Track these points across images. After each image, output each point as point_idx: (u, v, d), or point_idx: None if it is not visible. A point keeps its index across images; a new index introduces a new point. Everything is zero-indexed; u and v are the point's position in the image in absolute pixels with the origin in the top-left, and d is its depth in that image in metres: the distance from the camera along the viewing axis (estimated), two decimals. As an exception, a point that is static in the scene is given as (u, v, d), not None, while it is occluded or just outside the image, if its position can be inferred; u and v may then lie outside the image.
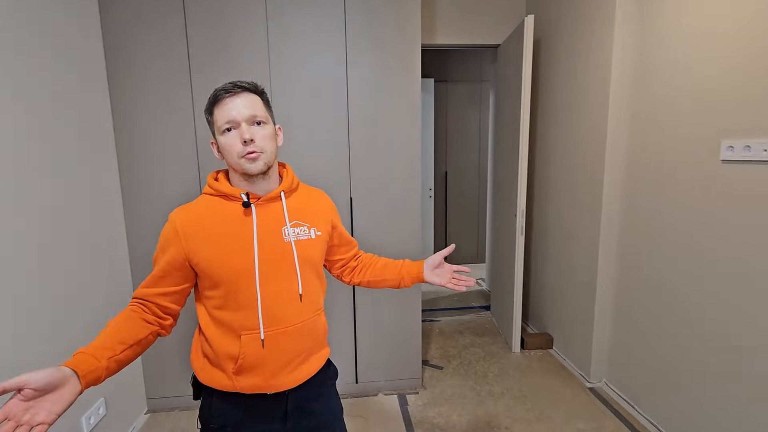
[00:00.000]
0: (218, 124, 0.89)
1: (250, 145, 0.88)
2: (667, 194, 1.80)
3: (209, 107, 0.91)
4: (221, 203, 0.93)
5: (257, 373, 0.93)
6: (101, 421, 1.76)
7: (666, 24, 1.78)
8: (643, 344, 1.96)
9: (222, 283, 0.90)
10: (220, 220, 0.91)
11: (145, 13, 1.86)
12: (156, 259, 0.92)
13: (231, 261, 0.89)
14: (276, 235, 0.94)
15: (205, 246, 0.89)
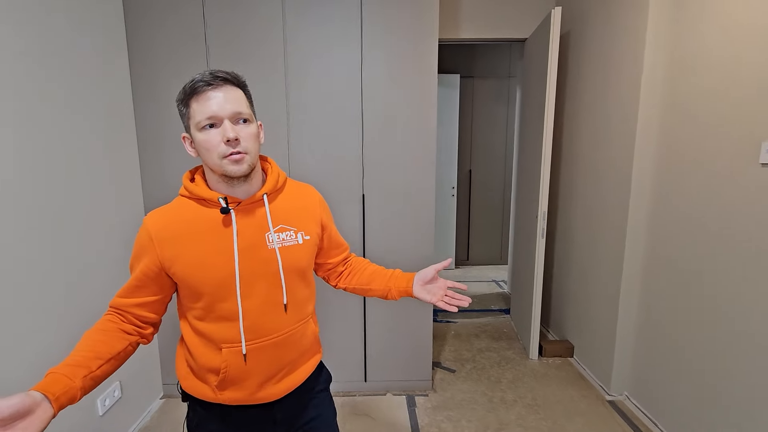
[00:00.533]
0: (197, 118, 0.79)
1: (234, 145, 0.79)
2: (700, 198, 1.66)
3: (185, 98, 0.81)
4: (198, 208, 0.85)
5: (241, 387, 0.88)
6: (116, 403, 1.82)
7: (704, 14, 1.64)
8: (672, 358, 1.83)
9: (202, 294, 0.84)
10: (197, 226, 0.83)
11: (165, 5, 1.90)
12: (132, 267, 0.86)
13: (210, 272, 0.83)
14: (259, 242, 0.86)
15: (182, 255, 0.82)
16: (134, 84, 1.95)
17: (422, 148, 2.04)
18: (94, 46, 1.72)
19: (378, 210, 2.09)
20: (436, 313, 3.30)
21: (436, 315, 3.27)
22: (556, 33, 2.25)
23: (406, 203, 2.09)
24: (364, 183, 2.06)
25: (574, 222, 2.60)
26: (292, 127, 1.99)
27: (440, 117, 4.18)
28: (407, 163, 2.05)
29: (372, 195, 2.07)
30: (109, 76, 1.82)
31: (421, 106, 2.01)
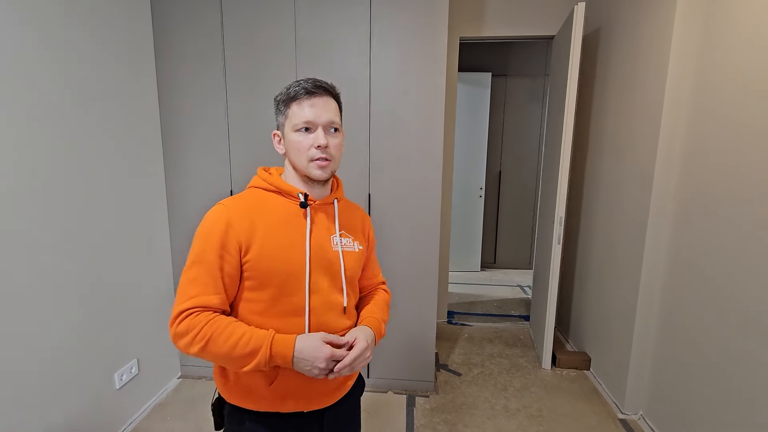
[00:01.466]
0: (294, 120, 0.85)
1: (323, 151, 0.85)
2: (730, 202, 1.52)
3: (287, 100, 0.87)
4: (275, 198, 0.89)
5: (297, 388, 0.86)
6: (133, 379, 1.98)
7: (738, 10, 1.50)
8: (696, 377, 1.68)
9: (271, 283, 0.83)
10: (274, 216, 0.86)
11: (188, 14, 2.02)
12: (202, 259, 0.80)
13: (284, 259, 0.84)
14: (326, 241, 0.90)
15: (259, 239, 0.83)
16: (160, 86, 2.09)
17: (429, 148, 2.03)
18: (124, 50, 1.87)
19: (384, 209, 2.10)
20: (451, 315, 3.26)
21: (451, 317, 3.24)
22: (578, 30, 2.14)
23: (411, 202, 2.08)
24: (370, 182, 2.08)
25: (595, 228, 2.47)
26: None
27: (469, 116, 4.11)
28: (414, 163, 2.05)
29: (378, 194, 2.09)
30: (137, 77, 1.96)
31: (428, 106, 1.99)
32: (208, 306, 0.79)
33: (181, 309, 0.78)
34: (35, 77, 1.46)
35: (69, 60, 1.59)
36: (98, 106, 1.74)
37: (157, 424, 1.97)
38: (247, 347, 0.77)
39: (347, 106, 1.99)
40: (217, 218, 0.82)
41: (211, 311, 0.80)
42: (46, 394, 1.53)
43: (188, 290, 0.79)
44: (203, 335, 0.76)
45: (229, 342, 0.76)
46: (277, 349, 0.78)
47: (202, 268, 0.80)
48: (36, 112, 1.46)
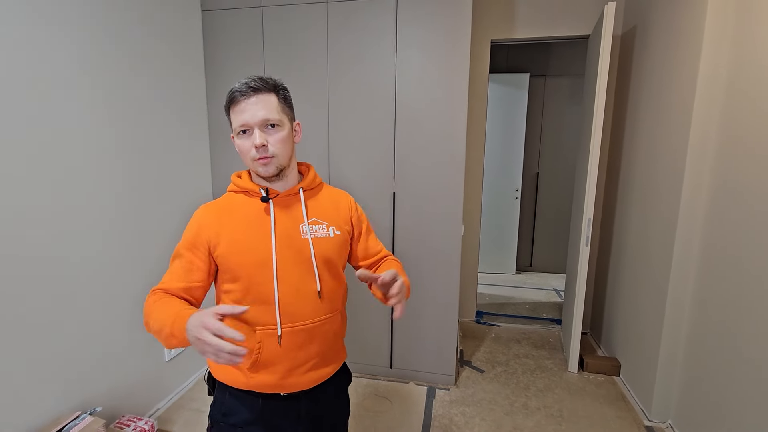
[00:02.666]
0: (234, 125, 0.90)
1: (262, 151, 0.88)
2: (759, 211, 1.48)
3: (227, 106, 0.91)
4: (243, 199, 0.96)
5: (273, 370, 0.92)
6: (179, 354, 2.22)
7: (766, 2, 1.45)
8: (730, 385, 1.62)
9: (241, 275, 0.90)
10: (241, 214, 0.94)
11: (235, 32, 2.24)
12: (178, 253, 0.93)
13: (249, 252, 0.90)
14: (294, 232, 0.94)
15: (226, 237, 0.91)
16: (209, 90, 2.33)
17: (452, 150, 2.10)
18: (179, 59, 2.12)
19: (408, 207, 2.20)
20: (480, 315, 3.29)
21: (480, 317, 3.26)
22: (608, 30, 2.12)
23: (435, 202, 2.16)
24: (395, 181, 2.19)
25: (627, 231, 2.41)
26: (331, 130, 2.20)
27: (505, 117, 4.10)
28: (437, 164, 2.13)
29: (402, 193, 2.19)
30: (189, 82, 2.21)
31: (451, 109, 2.07)
32: (169, 290, 0.89)
33: (150, 291, 0.90)
34: (124, 88, 1.72)
35: (149, 73, 1.85)
36: (164, 109, 1.99)
37: (199, 395, 2.19)
38: (162, 322, 0.80)
39: (375, 109, 2.13)
40: (193, 220, 0.95)
41: (168, 294, 0.88)
42: (113, 358, 1.79)
43: (163, 278, 0.92)
44: (147, 313, 0.85)
45: (152, 317, 0.83)
46: (179, 323, 0.77)
47: (177, 261, 0.93)
48: (126, 115, 1.73)
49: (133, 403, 1.91)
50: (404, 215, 2.21)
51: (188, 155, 2.23)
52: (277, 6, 2.16)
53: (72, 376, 1.62)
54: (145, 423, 1.74)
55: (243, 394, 0.95)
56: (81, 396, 1.65)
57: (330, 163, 2.24)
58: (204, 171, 2.36)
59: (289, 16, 2.16)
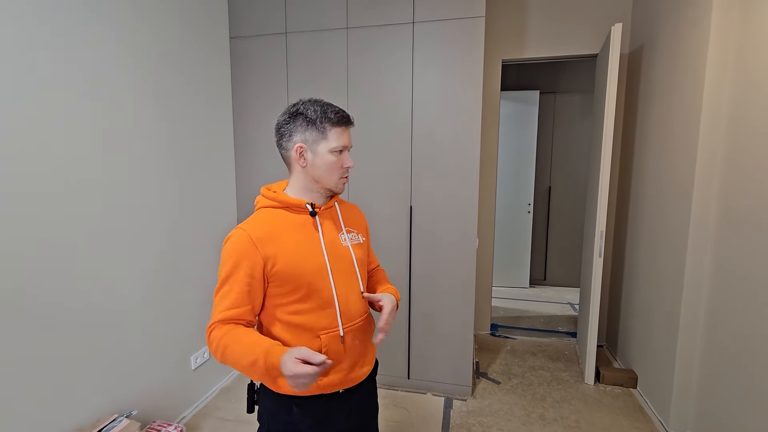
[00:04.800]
0: (333, 144, 0.98)
1: (348, 171, 1.03)
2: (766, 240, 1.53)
3: (330, 123, 0.97)
4: (284, 214, 1.00)
5: (338, 369, 1.00)
6: (204, 363, 2.31)
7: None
8: (747, 397, 1.64)
9: (302, 285, 0.95)
10: (290, 228, 0.98)
11: (260, 57, 2.39)
12: (228, 277, 0.92)
13: (307, 263, 0.96)
14: (336, 239, 1.05)
15: (283, 252, 0.94)
16: (235, 110, 2.47)
17: (465, 166, 2.19)
18: (207, 83, 2.27)
19: (424, 220, 2.28)
20: (495, 328, 3.31)
21: (495, 330, 3.29)
22: (615, 50, 2.22)
23: (450, 216, 2.24)
24: (412, 196, 2.28)
25: (640, 243, 2.45)
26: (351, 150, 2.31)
27: (517, 133, 4.19)
28: (451, 179, 2.22)
29: (419, 206, 2.28)
30: (217, 105, 2.36)
31: (465, 127, 2.17)
32: (234, 318, 0.91)
33: (211, 322, 0.92)
34: (149, 109, 1.86)
35: (170, 96, 1.99)
36: (191, 128, 2.13)
37: (223, 403, 2.26)
38: (247, 358, 0.85)
39: (392, 126, 2.24)
40: (241, 240, 0.93)
41: (234, 323, 0.92)
42: (146, 363, 1.88)
43: (219, 305, 0.92)
44: (223, 344, 0.88)
45: (235, 354, 0.87)
46: (272, 359, 0.84)
47: (231, 285, 0.92)
48: (151, 132, 1.86)
49: (162, 409, 1.99)
50: (421, 228, 2.29)
51: (214, 172, 2.35)
52: (300, 32, 2.31)
53: (111, 380, 1.72)
54: (174, 428, 1.82)
55: (310, 400, 0.99)
56: (118, 399, 1.75)
57: (350, 178, 2.34)
58: (229, 187, 2.49)
59: (312, 42, 2.31)
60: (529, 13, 2.83)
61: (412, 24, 2.16)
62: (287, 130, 0.99)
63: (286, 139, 1.00)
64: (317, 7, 2.28)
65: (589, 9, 2.74)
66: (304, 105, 0.99)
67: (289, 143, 0.99)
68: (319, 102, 1.00)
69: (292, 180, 1.04)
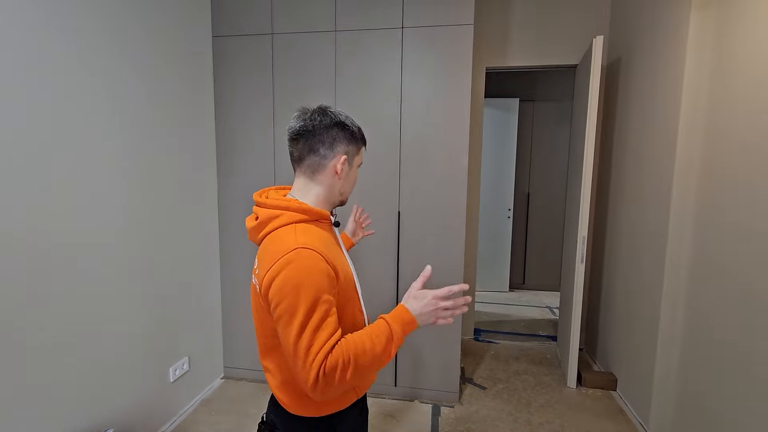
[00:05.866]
0: (358, 161, 1.02)
1: None
2: (745, 222, 1.60)
3: (362, 141, 1.02)
4: (318, 226, 0.94)
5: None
6: (185, 375, 2.20)
7: (746, 40, 1.61)
8: (724, 400, 1.71)
9: (349, 297, 0.94)
10: (327, 241, 0.93)
11: (245, 58, 2.33)
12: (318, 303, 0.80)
13: (348, 274, 0.95)
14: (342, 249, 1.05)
15: (339, 266, 0.89)
16: (217, 113, 2.39)
17: (454, 171, 2.20)
18: (188, 82, 2.19)
19: (412, 225, 2.27)
20: (478, 333, 3.34)
21: (478, 335, 3.31)
22: (597, 61, 2.28)
23: (437, 220, 2.24)
24: (400, 201, 2.27)
25: (619, 249, 2.53)
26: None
27: (497, 140, 4.26)
28: (440, 184, 2.22)
29: (407, 212, 2.27)
30: (198, 106, 2.28)
31: (453, 133, 2.17)
32: (336, 344, 0.81)
33: (320, 361, 0.78)
34: (137, 109, 1.77)
35: (158, 95, 1.90)
36: (171, 129, 2.04)
37: (203, 417, 2.17)
38: (381, 340, 0.83)
39: (381, 132, 2.22)
40: (315, 260, 0.82)
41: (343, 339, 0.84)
42: (121, 379, 1.77)
43: (318, 340, 0.79)
44: (347, 360, 0.79)
45: (367, 349, 0.82)
46: (402, 321, 0.86)
47: (322, 313, 0.81)
48: (126, 135, 1.77)
49: (140, 425, 1.88)
50: (409, 233, 2.28)
51: (195, 175, 2.26)
52: (287, 34, 2.26)
53: (86, 396, 1.61)
54: (152, 445, 1.73)
55: (348, 413, 0.98)
56: (94, 416, 1.64)
57: (336, 184, 2.30)
58: (211, 190, 2.40)
59: (299, 44, 2.26)
60: (513, 23, 2.88)
61: (401, 29, 2.16)
62: (330, 137, 0.94)
63: (327, 146, 0.94)
64: (305, 8, 2.24)
65: (570, 22, 2.82)
66: (346, 117, 0.98)
67: (332, 151, 0.94)
68: (350, 117, 1.00)
69: (312, 188, 0.96)
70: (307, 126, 0.93)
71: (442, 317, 0.88)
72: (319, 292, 0.81)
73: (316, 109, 0.96)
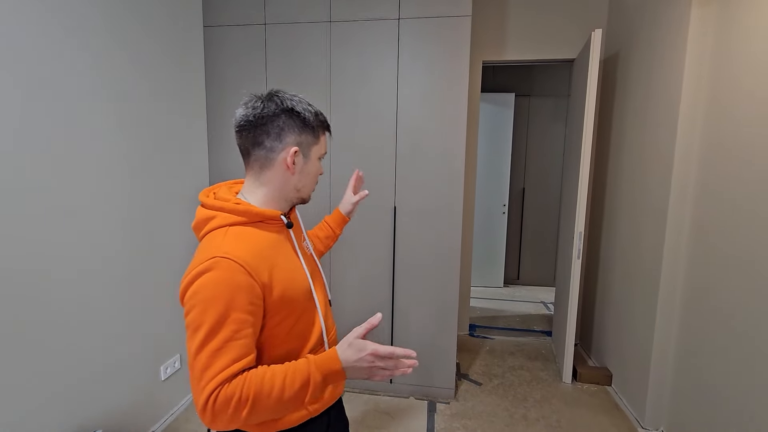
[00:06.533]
0: (322, 150, 0.90)
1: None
2: (744, 219, 1.59)
3: (323, 127, 0.89)
4: (258, 228, 0.82)
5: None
6: (175, 373, 2.16)
7: (748, 33, 1.59)
8: (718, 393, 1.70)
9: (296, 308, 0.84)
10: (268, 246, 0.82)
11: (237, 48, 2.27)
12: (224, 323, 0.70)
13: (297, 281, 0.84)
14: (304, 249, 0.94)
15: (278, 276, 0.79)
16: (209, 104, 2.33)
17: (451, 166, 2.16)
18: (180, 73, 2.13)
19: (408, 221, 2.24)
20: (473, 328, 3.33)
21: (473, 330, 3.30)
22: (596, 55, 2.26)
23: (434, 216, 2.21)
24: (395, 196, 2.23)
25: (616, 244, 2.52)
26: (333, 146, 2.24)
27: (492, 135, 4.23)
28: (436, 179, 2.19)
29: (402, 207, 2.24)
30: (189, 96, 2.22)
31: (450, 127, 2.14)
32: (239, 372, 0.71)
33: (212, 389, 0.69)
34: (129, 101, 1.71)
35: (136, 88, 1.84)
36: (160, 124, 1.98)
37: (194, 416, 2.13)
38: (295, 386, 0.72)
39: (376, 125, 2.18)
40: (233, 273, 0.72)
41: (249, 371, 0.73)
42: (107, 377, 1.73)
43: (216, 363, 0.70)
44: (245, 397, 0.69)
45: (274, 391, 0.71)
46: (327, 369, 0.75)
47: (228, 333, 0.71)
48: (115, 129, 1.71)
49: (130, 425, 1.84)
50: (404, 229, 2.25)
51: (185, 171, 2.21)
52: (280, 24, 2.21)
53: (74, 395, 1.57)
54: (143, 445, 1.68)
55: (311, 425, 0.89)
56: (83, 415, 1.60)
57: (332, 178, 2.26)
58: (202, 185, 2.34)
59: (292, 35, 2.21)
60: (510, 16, 2.85)
61: (398, 20, 2.11)
62: (277, 127, 0.82)
63: (273, 137, 0.82)
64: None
65: (568, 15, 2.79)
66: (294, 102, 0.84)
67: (279, 143, 0.83)
68: (305, 100, 0.86)
69: (260, 185, 0.86)
70: (249, 115, 0.82)
71: (379, 375, 0.76)
72: (228, 310, 0.71)
73: (263, 94, 0.84)
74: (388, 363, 0.75)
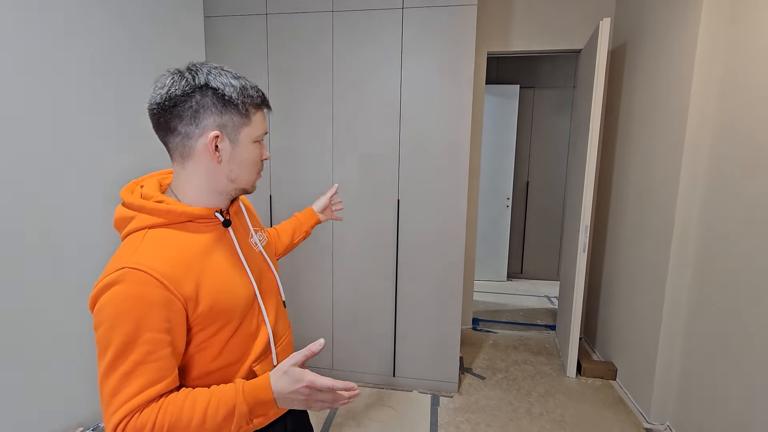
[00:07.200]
0: (257, 131, 0.75)
1: (263, 165, 0.81)
2: (753, 212, 1.56)
3: (255, 104, 0.74)
4: (180, 235, 0.71)
5: None
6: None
7: (764, 23, 1.55)
8: (726, 390, 1.68)
9: (232, 318, 0.74)
10: (198, 249, 0.72)
11: (238, 38, 2.24)
12: (134, 343, 0.62)
13: (236, 289, 0.75)
14: (250, 248, 0.83)
15: (207, 286, 0.70)
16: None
17: (455, 159, 2.13)
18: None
19: (411, 213, 2.22)
20: (476, 322, 3.31)
21: (476, 324, 3.29)
22: (604, 44, 2.21)
23: (437, 208, 2.19)
24: (399, 189, 2.21)
25: (622, 237, 2.49)
26: (336, 137, 2.21)
27: (496, 127, 4.19)
28: (440, 173, 2.16)
29: (406, 200, 2.21)
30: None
31: (455, 120, 2.11)
32: (153, 399, 0.63)
33: (120, 417, 0.61)
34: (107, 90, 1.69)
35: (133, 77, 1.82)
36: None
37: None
38: (217, 416, 0.64)
39: (380, 117, 2.15)
40: (144, 287, 0.63)
41: (167, 396, 0.65)
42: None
43: (126, 389, 0.62)
44: (159, 427, 0.62)
45: (194, 422, 0.63)
46: (255, 399, 0.66)
47: (140, 355, 0.62)
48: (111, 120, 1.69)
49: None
50: (408, 222, 2.22)
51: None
52: (282, 14, 2.17)
53: (75, 391, 1.56)
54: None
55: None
56: (84, 410, 1.59)
57: (334, 169, 2.24)
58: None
59: (294, 25, 2.17)
60: (515, 6, 2.79)
61: (402, 9, 2.07)
62: (190, 109, 0.68)
63: (187, 121, 0.69)
64: (301, -13, 2.15)
65: (574, 4, 2.74)
66: (212, 75, 0.70)
67: (196, 128, 0.69)
68: (230, 72, 0.72)
69: (187, 178, 0.74)
70: (157, 97, 0.69)
71: (316, 407, 0.69)
72: (139, 330, 0.62)
73: (175, 70, 0.70)
74: (326, 396, 0.67)
